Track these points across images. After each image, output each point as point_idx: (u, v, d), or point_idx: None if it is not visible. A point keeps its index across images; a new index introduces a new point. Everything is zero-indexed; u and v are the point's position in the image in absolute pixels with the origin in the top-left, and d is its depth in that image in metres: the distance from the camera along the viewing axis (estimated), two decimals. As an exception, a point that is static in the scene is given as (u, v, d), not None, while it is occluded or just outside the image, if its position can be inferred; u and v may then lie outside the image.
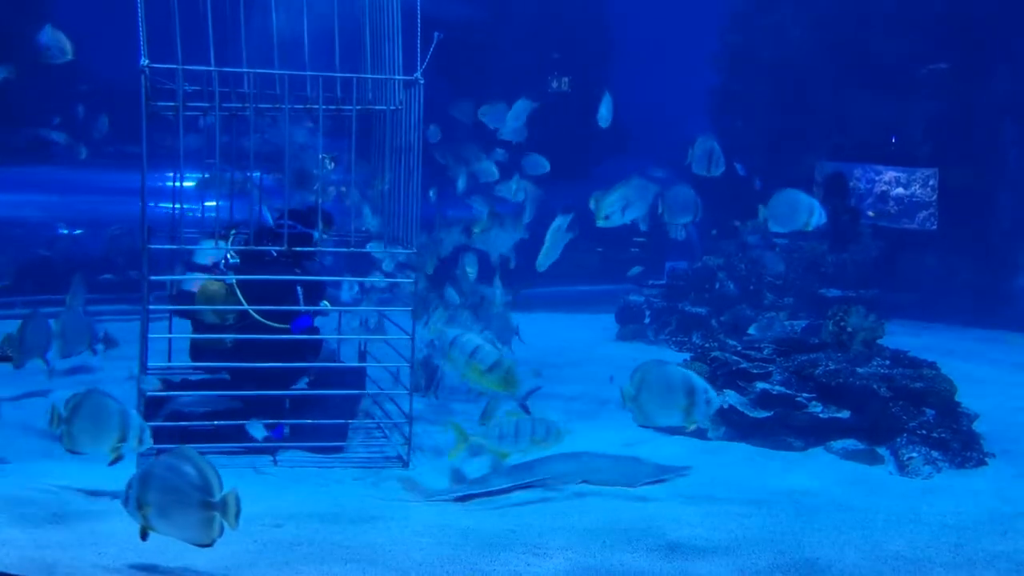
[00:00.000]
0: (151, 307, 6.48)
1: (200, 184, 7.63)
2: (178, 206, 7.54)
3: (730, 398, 7.59)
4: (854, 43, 15.21)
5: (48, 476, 5.91)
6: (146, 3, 6.20)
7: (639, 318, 12.84)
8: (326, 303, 7.37)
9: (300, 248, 6.96)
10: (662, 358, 9.51)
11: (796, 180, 11.69)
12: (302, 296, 6.97)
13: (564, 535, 5.31)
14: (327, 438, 6.82)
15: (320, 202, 6.79)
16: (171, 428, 6.27)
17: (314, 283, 7.13)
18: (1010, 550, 5.29)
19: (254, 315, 6.75)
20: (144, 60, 6.30)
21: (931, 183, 14.88)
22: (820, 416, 7.42)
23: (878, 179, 15.13)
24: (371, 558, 4.86)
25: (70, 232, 13.61)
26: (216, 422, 6.56)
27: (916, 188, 14.95)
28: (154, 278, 6.53)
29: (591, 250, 15.16)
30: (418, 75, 6.75)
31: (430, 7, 6.84)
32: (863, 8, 15.27)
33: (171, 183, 7.39)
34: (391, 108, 7.11)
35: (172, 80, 6.56)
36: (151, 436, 4.94)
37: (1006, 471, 7.04)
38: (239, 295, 6.78)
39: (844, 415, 7.39)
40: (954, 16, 14.61)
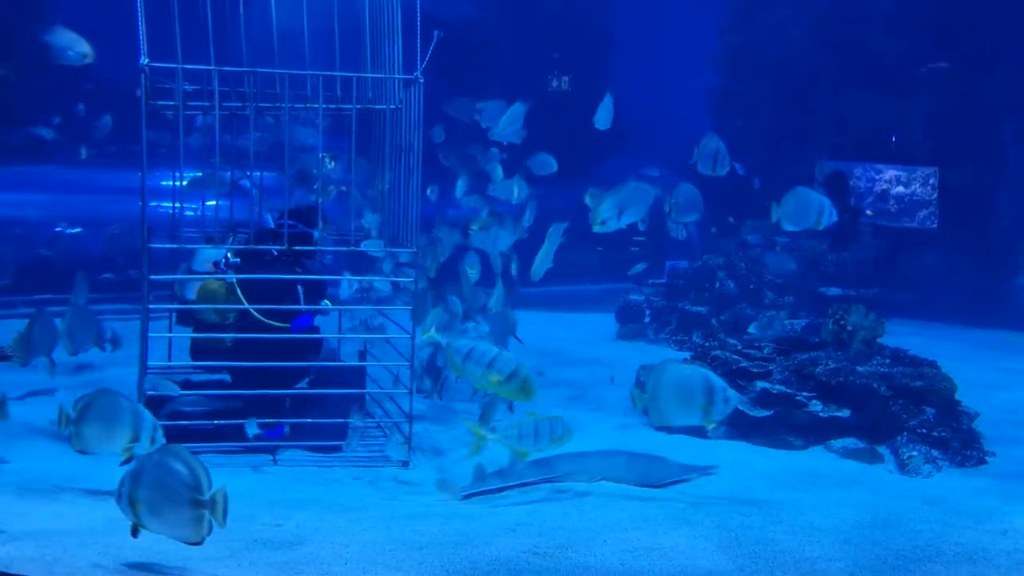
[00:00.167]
0: (151, 306, 6.48)
1: (192, 183, 7.57)
2: (178, 205, 7.53)
3: (730, 397, 7.59)
4: (854, 43, 15.22)
5: (48, 476, 5.91)
6: (145, 2, 6.20)
7: (639, 317, 12.85)
8: (327, 302, 7.36)
9: (300, 247, 6.95)
10: (664, 357, 9.54)
11: (796, 179, 11.66)
12: (303, 295, 6.96)
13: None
14: (327, 438, 6.82)
15: (320, 201, 6.78)
16: (171, 427, 6.26)
17: (315, 282, 7.13)
18: (1010, 548, 5.29)
19: (255, 314, 6.75)
20: (144, 59, 6.30)
21: (931, 182, 14.89)
22: (820, 415, 7.43)
23: (878, 178, 15.13)
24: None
25: (68, 231, 13.60)
26: (216, 421, 6.56)
27: (916, 187, 14.96)
28: (154, 277, 6.53)
29: (591, 249, 15.14)
30: (418, 74, 6.74)
31: (430, 6, 6.84)
32: (863, 8, 15.28)
33: (171, 182, 7.39)
34: (391, 107, 7.11)
35: (172, 79, 6.56)
36: (163, 435, 4.94)
37: (1006, 470, 7.04)
38: (239, 294, 6.78)
39: (844, 414, 7.39)
40: (954, 15, 14.61)
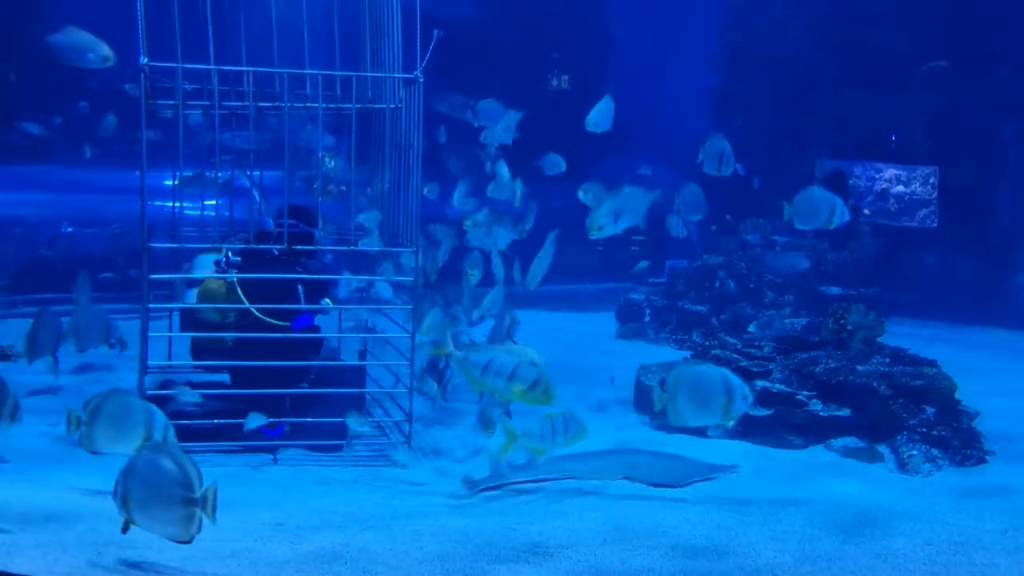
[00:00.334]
0: (151, 306, 6.48)
1: (183, 182, 7.54)
2: (178, 205, 7.53)
3: (730, 396, 7.58)
4: (854, 42, 15.21)
5: (48, 476, 5.91)
6: (145, 2, 6.20)
7: (639, 316, 12.85)
8: (328, 301, 7.35)
9: (300, 246, 6.95)
10: (664, 357, 9.53)
11: (796, 179, 11.70)
12: (303, 294, 6.96)
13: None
14: (327, 437, 6.81)
15: (320, 200, 6.78)
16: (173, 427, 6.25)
17: (315, 281, 7.13)
18: (1010, 547, 5.29)
19: (255, 313, 6.75)
20: (144, 59, 6.30)
21: (931, 181, 14.88)
22: (820, 414, 7.42)
23: (878, 177, 15.12)
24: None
25: (68, 229, 13.59)
26: (216, 421, 6.56)
27: (916, 186, 14.95)
28: (154, 277, 6.53)
29: (591, 249, 15.12)
30: (418, 73, 6.74)
31: (430, 5, 6.85)
32: (863, 7, 15.26)
33: (171, 182, 7.39)
34: (391, 106, 7.11)
35: (172, 79, 6.56)
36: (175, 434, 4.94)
37: (1006, 469, 7.04)
38: (240, 293, 6.78)
39: (844, 413, 7.39)
40: (954, 14, 14.60)
